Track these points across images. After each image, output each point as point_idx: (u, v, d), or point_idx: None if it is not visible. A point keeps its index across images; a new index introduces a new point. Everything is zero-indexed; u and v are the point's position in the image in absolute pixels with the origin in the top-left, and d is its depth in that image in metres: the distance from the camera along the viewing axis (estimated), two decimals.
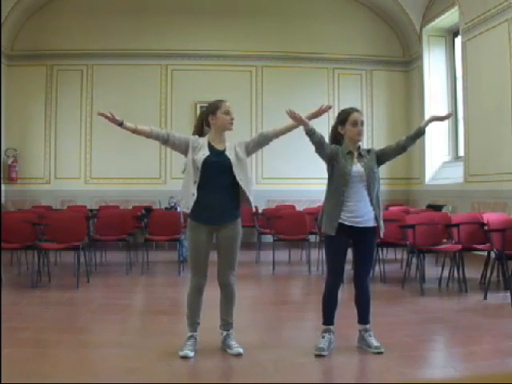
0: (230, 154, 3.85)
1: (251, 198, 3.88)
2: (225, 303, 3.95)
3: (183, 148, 3.89)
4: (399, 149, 3.97)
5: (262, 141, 4.00)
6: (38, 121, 10.66)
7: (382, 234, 3.95)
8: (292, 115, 3.74)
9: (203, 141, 3.89)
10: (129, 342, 4.14)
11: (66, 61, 10.62)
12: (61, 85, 10.68)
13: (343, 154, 3.87)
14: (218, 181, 3.79)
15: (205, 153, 3.81)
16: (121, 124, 3.82)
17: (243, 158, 3.89)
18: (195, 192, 3.77)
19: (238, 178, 3.80)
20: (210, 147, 3.86)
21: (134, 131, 3.86)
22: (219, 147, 3.88)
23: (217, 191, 3.79)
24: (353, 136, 3.89)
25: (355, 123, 3.87)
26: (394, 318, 4.86)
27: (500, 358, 3.73)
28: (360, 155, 3.91)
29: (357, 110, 3.98)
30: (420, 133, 3.97)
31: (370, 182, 3.85)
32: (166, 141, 3.90)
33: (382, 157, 3.98)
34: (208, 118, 3.94)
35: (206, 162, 3.78)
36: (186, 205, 3.83)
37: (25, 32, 10.55)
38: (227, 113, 3.91)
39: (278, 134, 4.01)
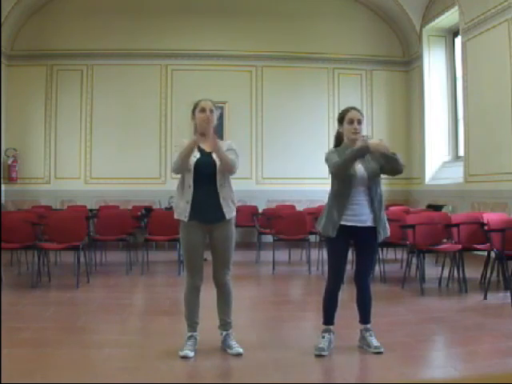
0: (216, 156, 3.79)
1: (231, 204, 3.81)
2: (222, 303, 3.95)
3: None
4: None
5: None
6: (38, 121, 10.65)
7: (380, 239, 3.85)
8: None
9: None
10: (129, 341, 4.14)
11: (66, 61, 10.62)
12: (61, 85, 10.68)
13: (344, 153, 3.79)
14: (209, 181, 3.76)
15: (196, 155, 3.78)
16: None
17: None
18: (190, 199, 3.75)
19: (218, 184, 3.77)
20: (200, 149, 3.81)
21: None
22: (207, 149, 3.81)
23: (208, 191, 3.76)
24: (348, 134, 3.88)
25: (351, 121, 3.86)
26: (394, 318, 4.86)
27: (500, 358, 3.73)
28: None
29: (354, 109, 3.94)
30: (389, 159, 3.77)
31: (372, 183, 3.81)
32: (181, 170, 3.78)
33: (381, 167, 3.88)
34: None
35: (197, 163, 3.75)
36: (183, 213, 3.78)
37: (25, 32, 10.55)
38: (202, 110, 3.85)
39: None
